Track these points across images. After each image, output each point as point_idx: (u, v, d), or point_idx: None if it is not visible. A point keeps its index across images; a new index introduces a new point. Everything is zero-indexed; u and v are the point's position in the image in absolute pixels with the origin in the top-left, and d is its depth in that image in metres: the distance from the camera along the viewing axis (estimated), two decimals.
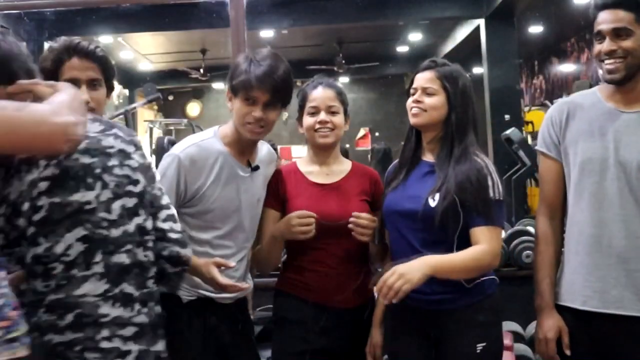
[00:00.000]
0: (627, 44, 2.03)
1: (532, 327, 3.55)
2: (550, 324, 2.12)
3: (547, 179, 2.22)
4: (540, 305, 2.16)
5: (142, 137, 10.51)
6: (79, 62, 1.98)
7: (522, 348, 3.38)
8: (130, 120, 6.55)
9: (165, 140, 6.29)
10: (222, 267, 2.11)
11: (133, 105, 7.26)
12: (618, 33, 2.04)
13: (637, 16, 2.03)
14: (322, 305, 2.28)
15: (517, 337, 3.35)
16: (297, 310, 2.30)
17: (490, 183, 2.12)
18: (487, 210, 2.10)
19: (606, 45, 2.06)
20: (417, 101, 2.19)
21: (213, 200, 2.24)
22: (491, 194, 2.11)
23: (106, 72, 2.02)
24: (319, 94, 2.35)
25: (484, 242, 2.08)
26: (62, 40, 2.01)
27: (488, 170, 2.14)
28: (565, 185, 2.17)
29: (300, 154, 6.05)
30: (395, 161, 2.35)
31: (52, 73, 1.97)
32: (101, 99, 2.02)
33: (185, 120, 10.93)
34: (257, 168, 2.30)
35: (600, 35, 2.08)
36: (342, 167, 2.41)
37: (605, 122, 2.09)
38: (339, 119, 2.34)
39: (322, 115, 2.32)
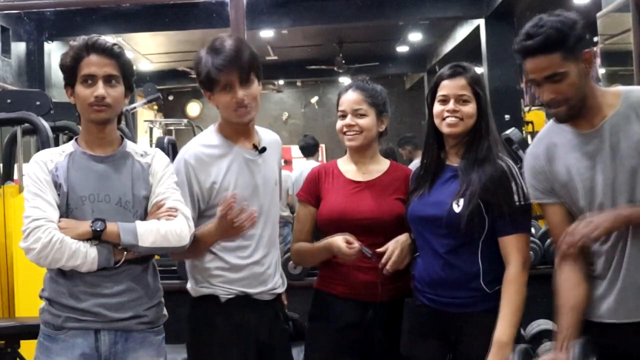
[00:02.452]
0: (563, 87, 1.91)
1: (532, 327, 3.56)
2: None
3: (555, 224, 2.07)
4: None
5: (142, 137, 10.51)
6: (97, 59, 2.03)
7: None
8: (130, 120, 6.53)
9: (165, 140, 6.24)
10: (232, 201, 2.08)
11: (133, 105, 7.22)
12: (551, 79, 1.91)
13: (564, 53, 1.89)
14: (358, 300, 2.29)
15: (517, 338, 3.35)
16: (333, 305, 2.33)
17: (514, 187, 2.11)
18: (513, 215, 2.08)
19: (545, 94, 1.94)
20: (453, 110, 2.17)
21: (232, 190, 2.21)
22: (516, 199, 2.10)
23: (124, 69, 2.07)
24: (346, 97, 2.39)
25: (513, 257, 2.08)
26: (81, 38, 2.06)
27: (512, 174, 2.13)
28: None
29: (299, 154, 6.06)
30: (417, 167, 2.35)
31: (72, 69, 2.04)
32: (119, 96, 2.06)
33: (185, 120, 10.90)
34: (264, 149, 2.31)
35: (535, 82, 1.95)
36: (380, 166, 2.44)
37: (584, 150, 2.00)
38: (366, 121, 2.36)
39: (348, 119, 2.37)
